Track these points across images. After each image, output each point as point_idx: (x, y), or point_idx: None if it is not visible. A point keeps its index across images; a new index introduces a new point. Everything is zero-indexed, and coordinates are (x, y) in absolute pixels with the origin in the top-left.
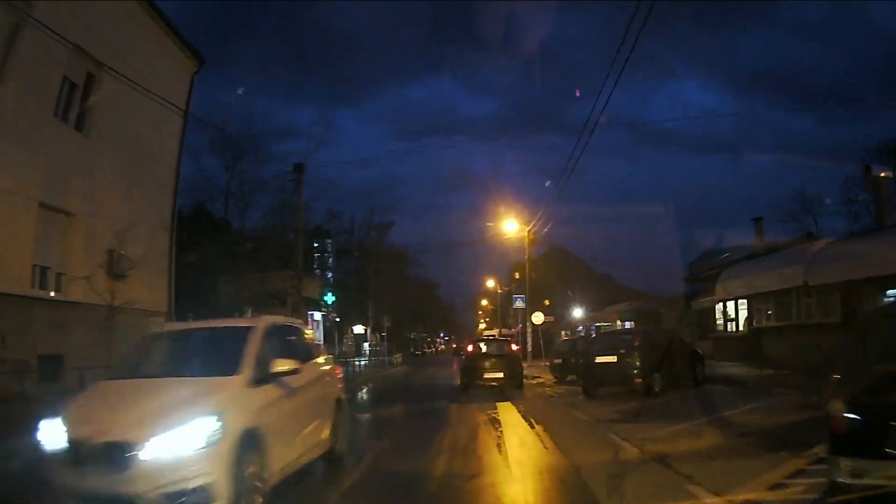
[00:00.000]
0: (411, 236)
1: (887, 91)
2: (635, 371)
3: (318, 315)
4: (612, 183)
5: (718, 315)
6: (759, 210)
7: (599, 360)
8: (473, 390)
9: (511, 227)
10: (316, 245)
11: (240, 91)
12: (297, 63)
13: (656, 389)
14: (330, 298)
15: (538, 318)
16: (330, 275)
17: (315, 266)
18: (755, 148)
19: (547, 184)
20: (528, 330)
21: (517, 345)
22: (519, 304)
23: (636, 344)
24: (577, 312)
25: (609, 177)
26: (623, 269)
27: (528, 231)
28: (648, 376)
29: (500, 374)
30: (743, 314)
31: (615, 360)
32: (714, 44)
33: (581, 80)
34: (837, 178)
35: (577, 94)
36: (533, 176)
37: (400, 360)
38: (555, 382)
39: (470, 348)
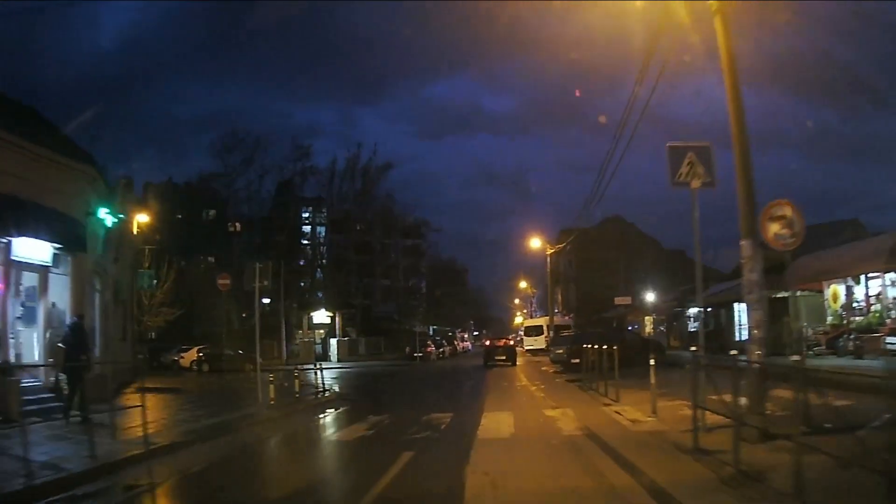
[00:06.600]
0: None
1: None
2: None
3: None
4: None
5: None
6: None
7: None
8: None
9: None
10: (306, 216)
11: None
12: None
13: None
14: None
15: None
16: (323, 250)
17: (307, 241)
18: None
19: None
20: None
21: (513, 342)
22: None
23: None
24: (650, 295)
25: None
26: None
27: None
28: None
29: (504, 357)
30: None
31: None
32: None
33: None
34: None
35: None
36: None
37: (336, 388)
38: None
39: (487, 343)
